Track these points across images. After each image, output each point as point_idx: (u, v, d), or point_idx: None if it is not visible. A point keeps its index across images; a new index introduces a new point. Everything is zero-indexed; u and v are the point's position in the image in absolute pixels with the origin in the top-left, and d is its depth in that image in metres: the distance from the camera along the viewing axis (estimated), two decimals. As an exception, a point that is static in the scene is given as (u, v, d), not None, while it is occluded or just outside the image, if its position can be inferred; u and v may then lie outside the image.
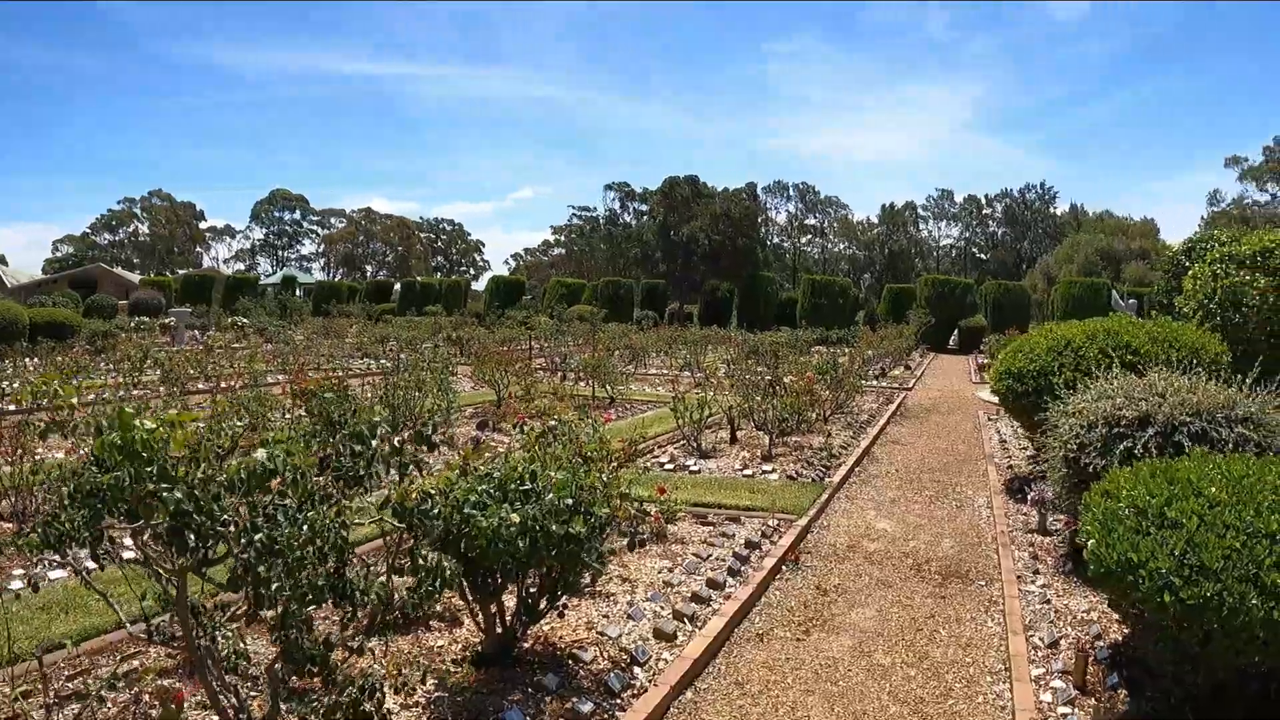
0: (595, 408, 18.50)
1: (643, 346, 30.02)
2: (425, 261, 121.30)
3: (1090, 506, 5.88)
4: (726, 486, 10.79)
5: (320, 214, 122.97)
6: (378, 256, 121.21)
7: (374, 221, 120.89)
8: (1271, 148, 72.80)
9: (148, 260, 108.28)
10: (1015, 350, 11.16)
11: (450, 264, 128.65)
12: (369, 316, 53.71)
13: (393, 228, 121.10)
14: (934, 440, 15.68)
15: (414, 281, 74.90)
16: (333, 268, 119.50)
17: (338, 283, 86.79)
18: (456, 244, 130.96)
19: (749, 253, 53.78)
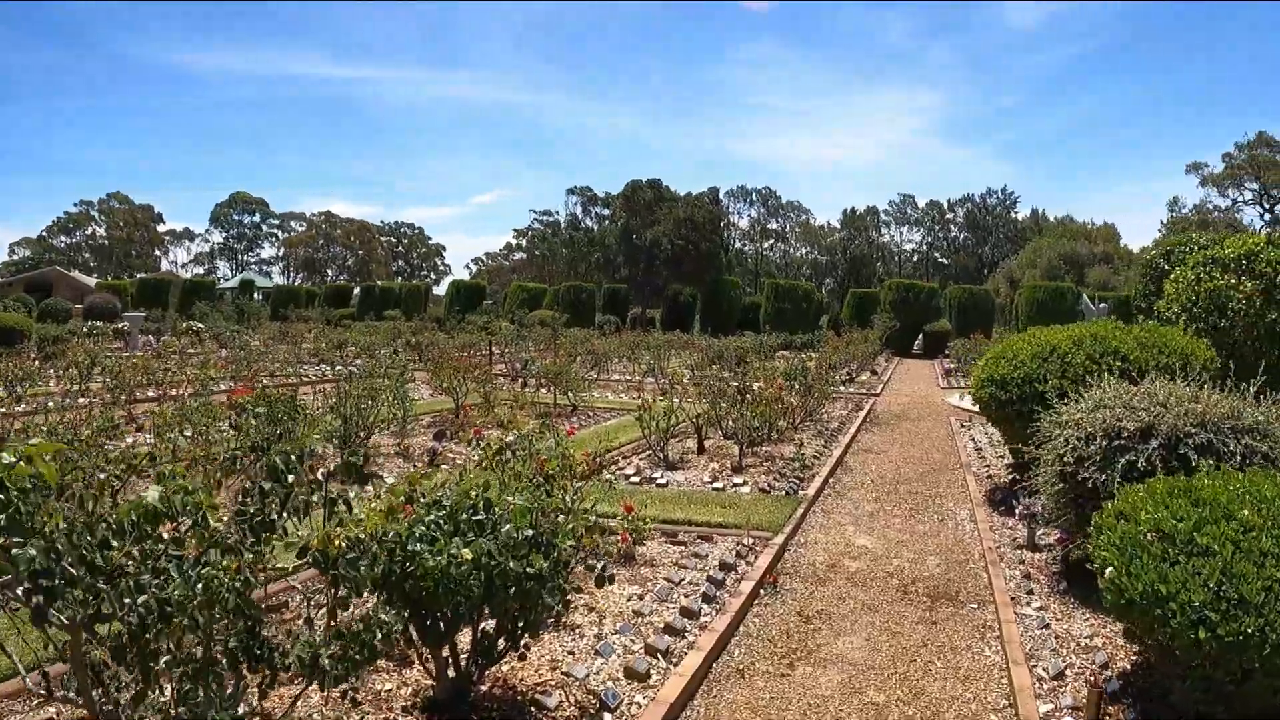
0: (557, 416, 17.94)
1: (605, 352, 29.39)
2: (386, 266, 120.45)
3: (1104, 529, 5.37)
4: (697, 501, 10.22)
5: (280, 217, 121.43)
6: (338, 260, 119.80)
7: (334, 225, 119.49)
8: (1232, 154, 73.50)
9: (105, 263, 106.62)
10: (997, 357, 10.69)
11: (411, 268, 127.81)
12: (327, 321, 52.88)
13: (353, 231, 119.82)
14: (908, 449, 15.21)
15: (373, 286, 73.83)
16: (293, 272, 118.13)
17: (296, 287, 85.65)
18: (418, 248, 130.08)
19: (712, 257, 53.30)
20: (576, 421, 17.21)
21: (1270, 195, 72.50)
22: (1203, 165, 75.05)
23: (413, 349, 32.84)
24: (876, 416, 19.32)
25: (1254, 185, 72.99)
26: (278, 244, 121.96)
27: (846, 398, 21.79)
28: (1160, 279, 15.84)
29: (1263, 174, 71.39)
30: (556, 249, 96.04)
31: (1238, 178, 73.14)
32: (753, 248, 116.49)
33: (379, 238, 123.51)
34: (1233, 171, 72.90)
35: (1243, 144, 73.09)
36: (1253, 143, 72.59)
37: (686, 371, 25.59)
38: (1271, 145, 72.01)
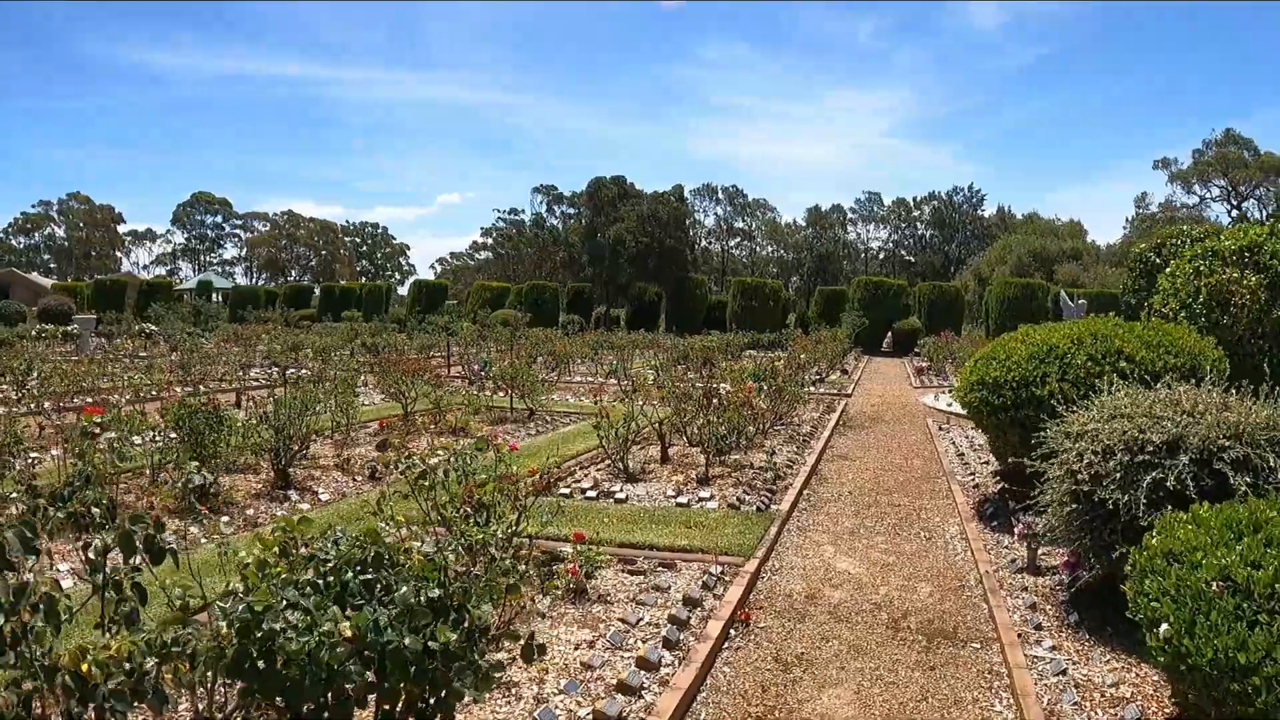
0: (513, 421, 16.92)
1: (566, 353, 28.36)
2: (350, 266, 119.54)
3: (1149, 571, 4.41)
4: (659, 520, 9.21)
5: (243, 217, 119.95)
6: (302, 261, 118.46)
7: (298, 225, 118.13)
8: (1200, 150, 73.54)
9: (66, 265, 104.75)
10: (988, 358, 9.77)
11: (376, 268, 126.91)
12: (287, 323, 51.72)
13: (316, 231, 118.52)
14: (886, 455, 14.28)
15: (334, 286, 72.63)
16: (256, 272, 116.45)
17: (255, 288, 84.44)
18: (382, 248, 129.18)
19: (677, 254, 52.31)
20: (534, 427, 16.20)
21: (1238, 192, 72.55)
22: (1171, 161, 75.12)
23: (369, 350, 31.80)
24: (850, 419, 18.42)
25: (1221, 182, 73.03)
26: (240, 244, 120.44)
27: (817, 399, 20.87)
28: (1152, 274, 15.03)
29: (1231, 171, 71.41)
30: (522, 248, 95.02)
31: (1206, 175, 73.11)
32: (719, 246, 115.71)
33: (342, 237, 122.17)
34: (1201, 168, 72.87)
35: (1210, 141, 73.26)
36: (1220, 140, 72.67)
37: (651, 373, 24.63)
38: (1239, 143, 72.09)
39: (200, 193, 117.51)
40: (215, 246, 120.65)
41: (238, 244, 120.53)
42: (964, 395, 9.89)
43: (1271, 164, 70.07)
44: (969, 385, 9.70)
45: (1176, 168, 74.54)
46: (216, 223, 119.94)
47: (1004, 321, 41.83)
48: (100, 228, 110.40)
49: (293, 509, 9.85)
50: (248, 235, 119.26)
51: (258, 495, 10.32)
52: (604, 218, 55.70)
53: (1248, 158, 71.42)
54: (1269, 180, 70.35)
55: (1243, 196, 72.95)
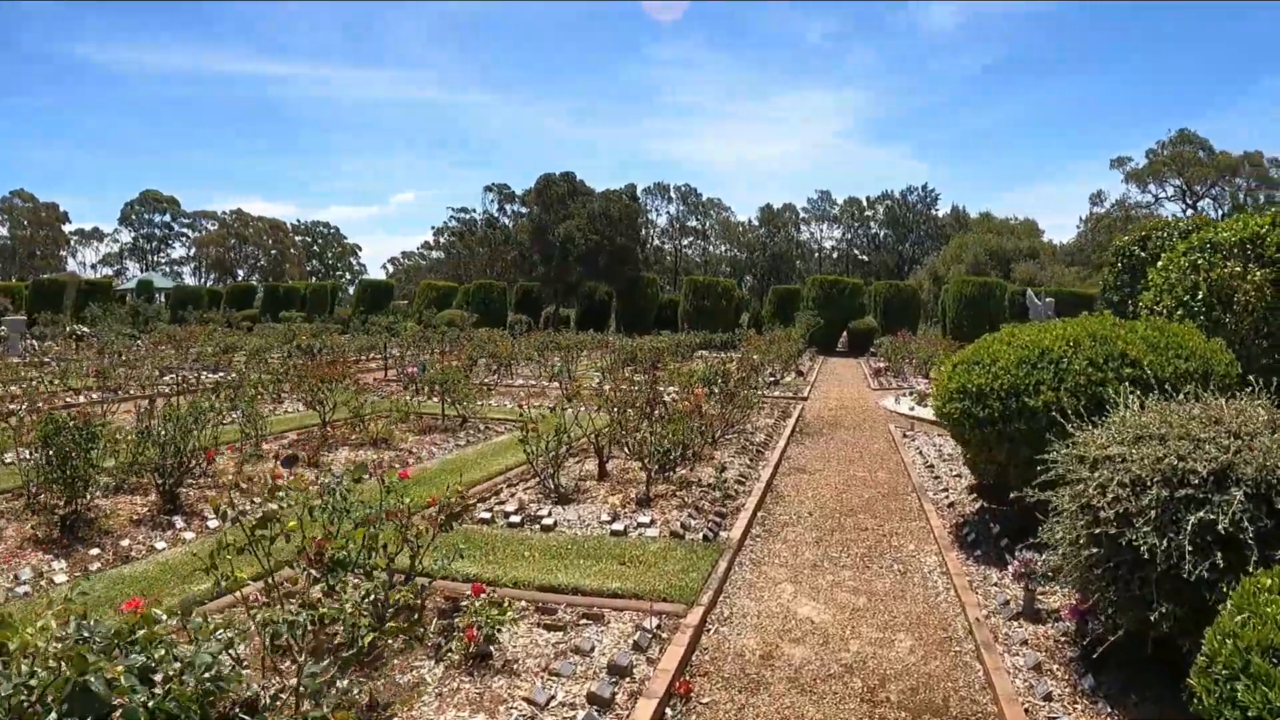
0: (443, 429, 15.53)
1: (510, 354, 26.93)
2: (300, 265, 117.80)
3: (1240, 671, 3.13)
4: (589, 554, 7.85)
5: (191, 216, 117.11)
6: (250, 260, 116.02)
7: (246, 224, 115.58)
8: (1155, 150, 73.37)
9: (9, 264, 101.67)
10: (969, 362, 8.49)
11: (326, 268, 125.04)
12: (229, 324, 50.10)
13: (265, 230, 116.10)
14: (848, 466, 13.00)
15: (278, 286, 70.65)
16: (204, 272, 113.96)
17: (197, 288, 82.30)
18: (333, 247, 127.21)
19: (628, 253, 50.91)
20: (464, 437, 14.83)
21: (1193, 192, 72.53)
22: (1127, 160, 75.04)
23: (305, 353, 30.31)
24: (807, 424, 17.16)
25: (1177, 181, 72.97)
26: (188, 244, 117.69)
27: (772, 403, 19.62)
28: (1137, 269, 13.90)
29: (1186, 170, 71.35)
30: (474, 247, 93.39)
31: (1161, 174, 73.02)
32: (672, 245, 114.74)
33: (292, 237, 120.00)
34: (1156, 167, 72.77)
35: (1165, 141, 73.19)
36: (1175, 139, 72.63)
37: (597, 375, 23.34)
38: (1194, 142, 72.07)
39: (148, 191, 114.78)
40: (163, 246, 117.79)
41: (186, 244, 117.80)
42: (942, 406, 8.61)
43: (1227, 163, 70.15)
44: (948, 394, 8.42)
45: (1132, 167, 74.46)
46: (165, 222, 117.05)
47: (961, 321, 41.00)
48: (45, 226, 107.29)
49: (176, 537, 8.52)
50: (196, 235, 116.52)
51: (140, 521, 8.98)
52: (553, 215, 54.24)
53: (1203, 157, 71.43)
54: (1224, 179, 70.46)
55: (1198, 196, 72.94)
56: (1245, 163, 70.31)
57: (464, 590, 6.28)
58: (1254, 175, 69.84)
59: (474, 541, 8.11)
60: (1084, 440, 5.67)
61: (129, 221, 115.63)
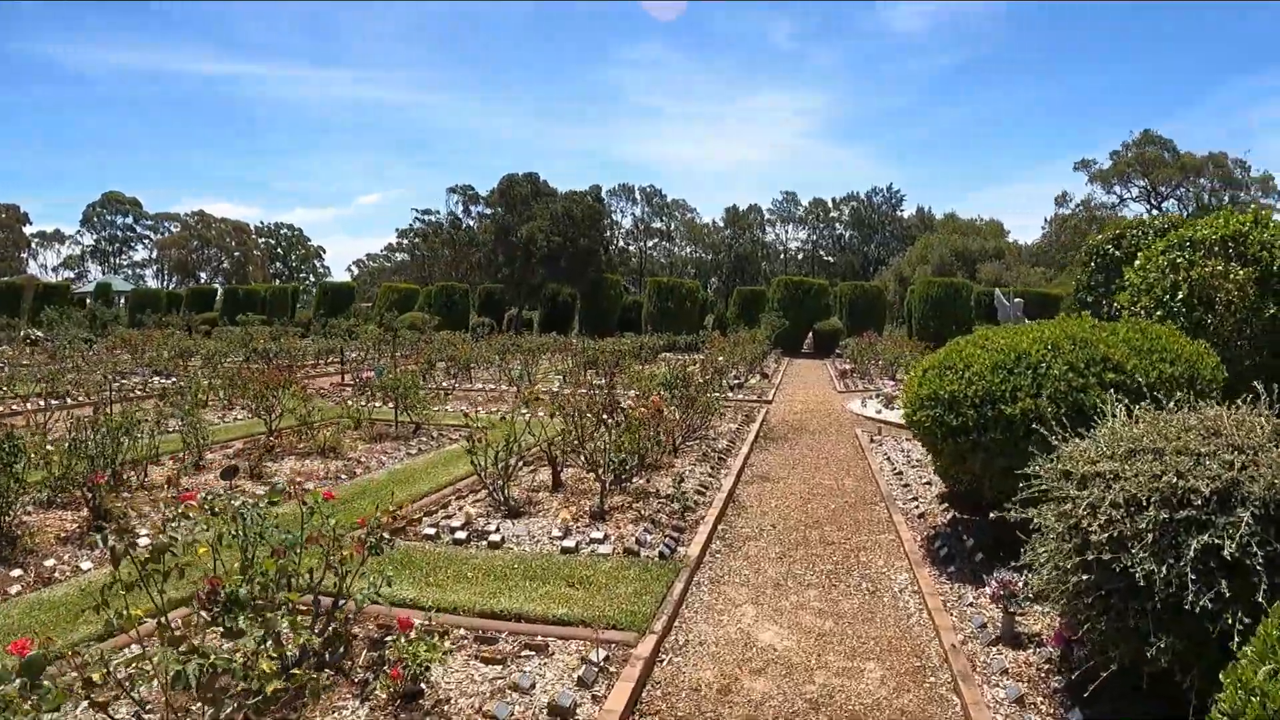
0: (395, 437, 14.94)
1: (469, 358, 26.30)
2: (263, 268, 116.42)
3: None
4: (536, 574, 7.29)
5: (154, 218, 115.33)
6: (213, 263, 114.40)
7: (209, 226, 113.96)
8: (1119, 151, 73.56)
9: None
10: (941, 367, 8.02)
11: (290, 270, 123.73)
12: (187, 327, 49.27)
13: (228, 232, 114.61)
14: (813, 473, 12.51)
15: (238, 288, 69.64)
16: (166, 275, 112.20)
17: (156, 290, 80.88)
18: (296, 249, 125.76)
19: (591, 254, 50.32)
20: (416, 445, 14.24)
21: (1158, 193, 72.78)
22: (1091, 162, 75.18)
23: (261, 357, 29.60)
24: (771, 429, 16.68)
25: (1141, 182, 73.20)
26: (151, 246, 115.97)
27: (736, 406, 19.14)
28: (1111, 268, 13.50)
29: (1151, 171, 71.57)
30: (438, 249, 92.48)
31: (1126, 175, 73.21)
32: (637, 247, 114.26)
33: (255, 239, 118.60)
34: (1121, 168, 72.94)
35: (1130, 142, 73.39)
36: (1139, 140, 72.81)
37: (557, 379, 22.80)
38: (1159, 143, 72.29)
39: (111, 192, 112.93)
40: (125, 248, 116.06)
41: (149, 246, 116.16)
42: (912, 413, 8.12)
43: (1191, 164, 70.39)
44: (918, 401, 7.94)
45: (1096, 168, 74.59)
46: (127, 224, 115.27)
47: (927, 322, 40.78)
48: (4, 228, 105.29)
49: (103, 557, 7.91)
50: (158, 237, 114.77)
51: (67, 539, 8.38)
52: (517, 216, 53.61)
53: (1167, 158, 71.65)
54: (1188, 180, 70.73)
55: (1163, 196, 73.23)
56: (1209, 164, 70.58)
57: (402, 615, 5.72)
58: (1218, 176, 70.15)
59: (415, 561, 7.56)
60: (1070, 454, 5.19)
61: (91, 223, 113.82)
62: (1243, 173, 70.50)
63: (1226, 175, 69.90)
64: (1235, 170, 70.42)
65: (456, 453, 13.17)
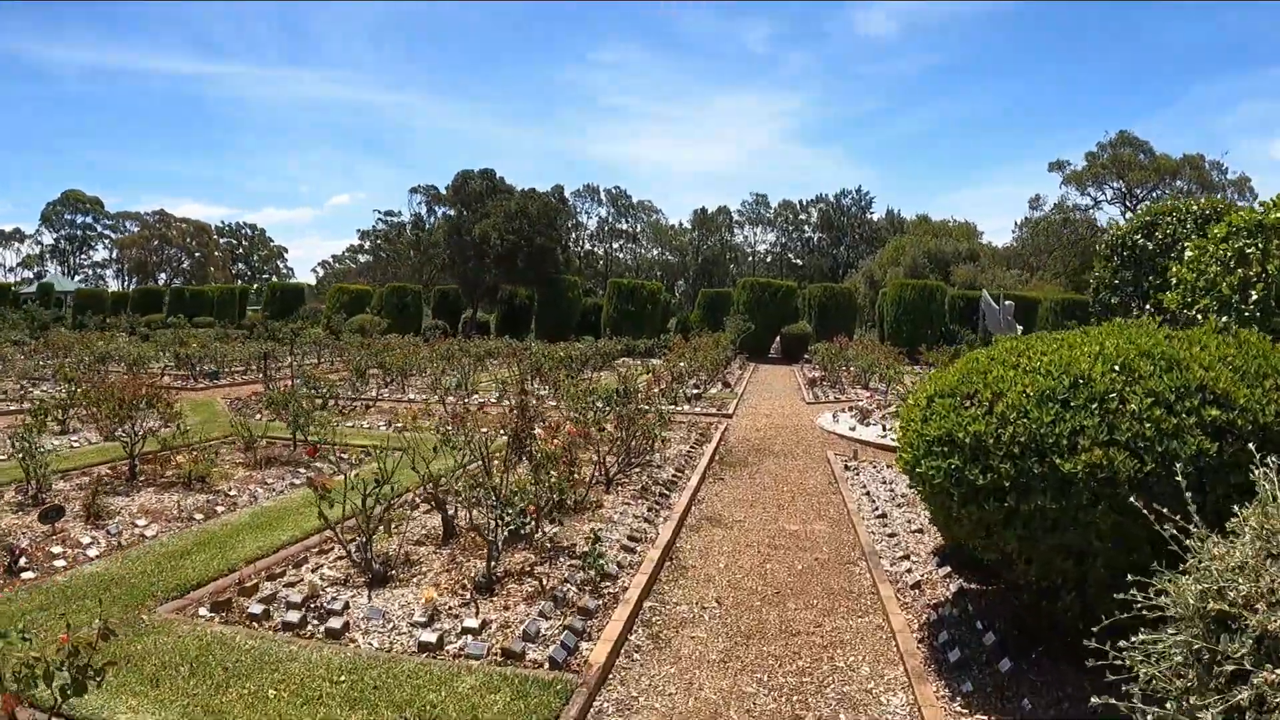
0: (286, 462, 12.53)
1: (403, 364, 23.78)
2: (225, 268, 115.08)
3: None
4: (362, 700, 4.90)
5: (115, 217, 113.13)
6: (173, 263, 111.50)
7: (169, 225, 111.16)
8: (1095, 153, 71.85)
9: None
10: (956, 396, 5.61)
11: (253, 271, 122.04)
12: (131, 329, 48.01)
13: (189, 232, 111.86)
14: (776, 514, 10.11)
15: (185, 289, 66.99)
16: (126, 275, 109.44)
17: (101, 290, 78.48)
18: (259, 250, 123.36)
19: (548, 254, 47.74)
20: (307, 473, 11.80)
21: (1133, 195, 71.13)
22: (1066, 163, 73.57)
23: (183, 363, 27.12)
24: (729, 450, 14.34)
25: (1117, 184, 71.58)
26: (111, 246, 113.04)
27: (691, 421, 16.81)
28: (1142, 262, 11.21)
29: (1127, 173, 69.96)
30: (402, 250, 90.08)
31: (1101, 176, 71.60)
32: (603, 249, 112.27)
33: (216, 239, 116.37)
34: (1096, 170, 71.33)
35: (1105, 143, 71.82)
36: (1115, 141, 71.21)
37: (496, 389, 20.50)
38: (1134, 144, 70.70)
39: (70, 191, 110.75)
40: (84, 248, 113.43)
41: (109, 246, 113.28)
42: (913, 462, 5.67)
43: (1167, 166, 68.75)
44: (922, 446, 5.54)
45: (1071, 170, 72.93)
46: (87, 223, 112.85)
47: (901, 326, 38.71)
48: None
49: None
50: (119, 236, 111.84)
51: None
52: (472, 214, 51.12)
53: (1143, 159, 70.03)
54: (1165, 182, 69.15)
55: (1138, 199, 71.60)
56: (1186, 165, 68.97)
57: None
58: (1194, 178, 68.55)
59: (207, 668, 5.28)
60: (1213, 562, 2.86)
61: (50, 222, 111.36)
62: (1219, 175, 68.95)
63: (1203, 178, 68.31)
64: (1212, 173, 68.87)
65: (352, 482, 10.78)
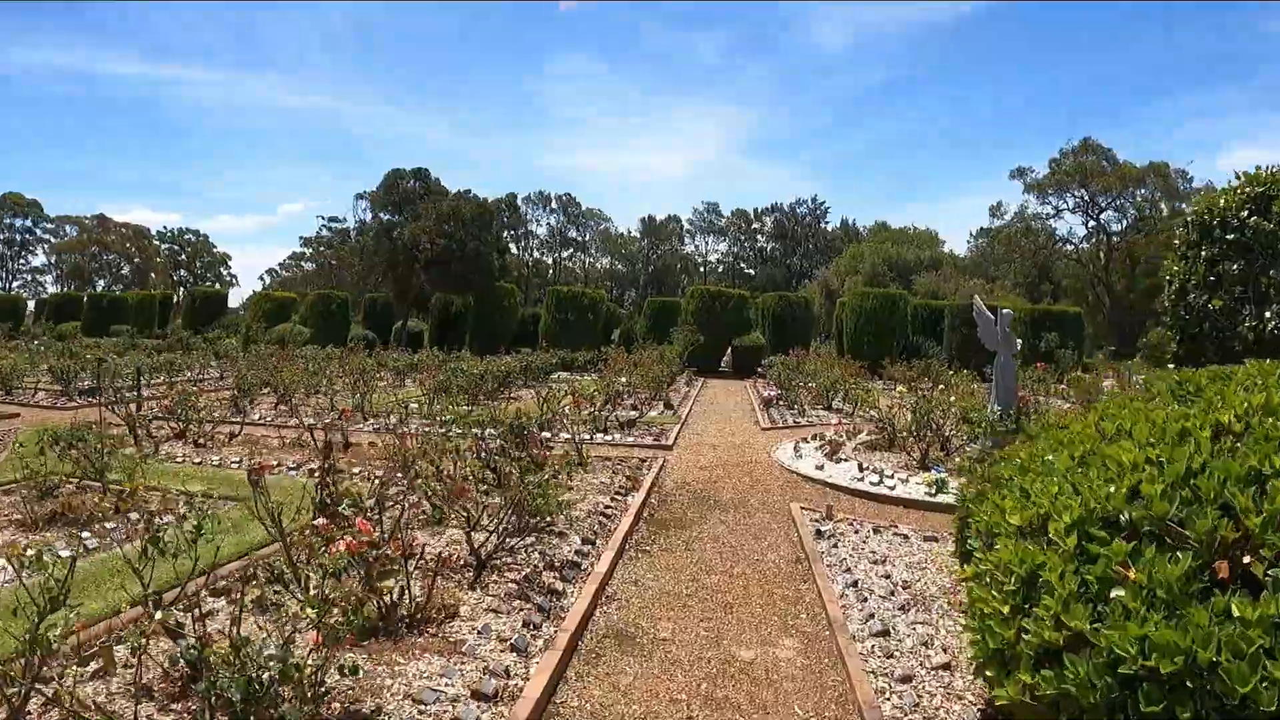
0: (73, 524, 9.15)
1: (291, 383, 20.27)
2: (166, 275, 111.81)
3: None
4: None
5: (55, 221, 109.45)
6: (112, 269, 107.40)
7: (109, 230, 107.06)
8: (1058, 159, 70.15)
9: None
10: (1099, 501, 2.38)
11: (195, 277, 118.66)
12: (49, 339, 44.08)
13: (129, 238, 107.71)
14: (720, 624, 6.73)
15: (103, 296, 63.13)
16: (64, 281, 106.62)
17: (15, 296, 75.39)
18: (202, 256, 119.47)
19: (483, 260, 44.25)
20: (103, 528, 8.42)
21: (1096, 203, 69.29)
22: (1028, 170, 71.92)
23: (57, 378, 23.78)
24: (664, 500, 11.03)
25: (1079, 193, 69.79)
26: (50, 250, 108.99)
27: (620, 458, 13.53)
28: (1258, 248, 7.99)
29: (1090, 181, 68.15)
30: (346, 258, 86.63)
31: (1063, 184, 69.84)
32: (552, 258, 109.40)
33: (156, 244, 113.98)
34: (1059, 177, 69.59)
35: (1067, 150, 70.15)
36: (1078, 149, 69.49)
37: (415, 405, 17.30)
38: (1098, 152, 68.99)
39: (9, 194, 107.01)
40: (23, 252, 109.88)
41: (49, 250, 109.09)
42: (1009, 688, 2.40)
43: (1131, 174, 67.08)
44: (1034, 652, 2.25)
45: (1033, 177, 71.14)
46: (26, 226, 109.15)
47: (862, 338, 35.70)
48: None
49: None
50: (58, 241, 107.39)
51: None
52: (405, 216, 47.63)
53: (1106, 167, 68.28)
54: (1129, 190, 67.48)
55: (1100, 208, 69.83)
56: (1151, 173, 67.31)
57: None
58: (1159, 186, 66.91)
59: None
60: None
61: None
62: (1185, 184, 67.24)
63: (1169, 186, 66.65)
64: (1177, 181, 67.22)
65: (111, 563, 7.39)
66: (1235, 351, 7.70)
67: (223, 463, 12.78)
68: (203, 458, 13.11)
